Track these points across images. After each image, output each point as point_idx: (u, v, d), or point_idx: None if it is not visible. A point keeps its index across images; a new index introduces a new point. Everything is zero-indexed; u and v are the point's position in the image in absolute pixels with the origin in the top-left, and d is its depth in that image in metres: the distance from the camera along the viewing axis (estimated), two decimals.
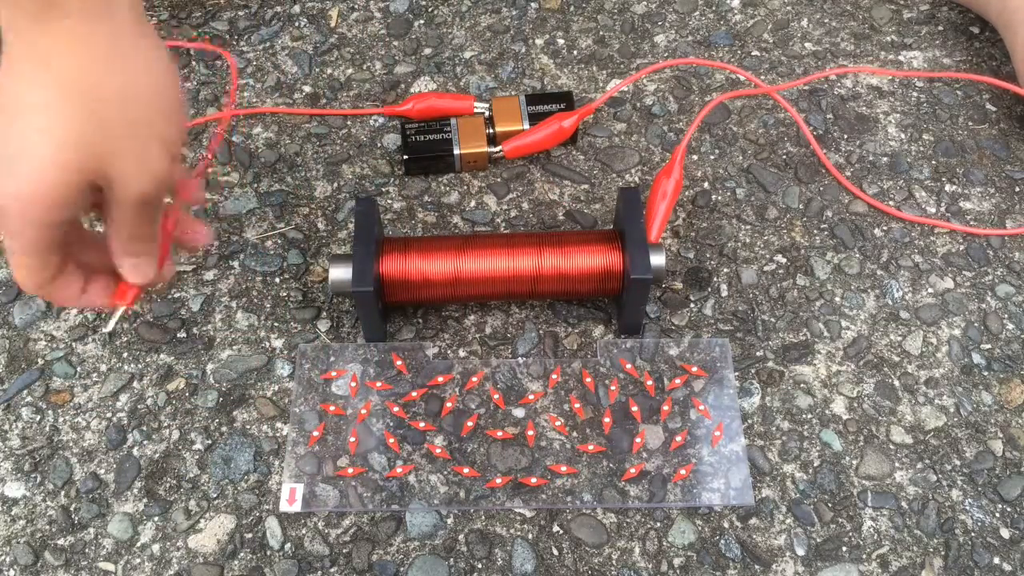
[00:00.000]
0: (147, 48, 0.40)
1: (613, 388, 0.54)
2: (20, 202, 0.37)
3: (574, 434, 0.53)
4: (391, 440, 0.52)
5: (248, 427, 0.53)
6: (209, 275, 0.59)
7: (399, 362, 0.55)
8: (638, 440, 0.52)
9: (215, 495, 0.51)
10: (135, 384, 0.55)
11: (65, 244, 0.41)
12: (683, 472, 0.51)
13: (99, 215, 0.42)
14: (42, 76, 0.37)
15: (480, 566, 0.49)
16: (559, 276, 0.54)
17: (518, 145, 0.62)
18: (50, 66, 0.37)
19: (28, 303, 0.58)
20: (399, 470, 0.51)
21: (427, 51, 0.71)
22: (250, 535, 0.50)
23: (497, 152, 0.63)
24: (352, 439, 0.52)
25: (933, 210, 0.62)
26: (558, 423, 0.53)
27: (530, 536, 0.50)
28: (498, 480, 0.51)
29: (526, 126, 0.63)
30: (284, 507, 0.50)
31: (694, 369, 0.55)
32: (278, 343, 0.56)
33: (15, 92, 0.37)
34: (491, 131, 0.63)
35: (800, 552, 0.49)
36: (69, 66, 0.37)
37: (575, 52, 0.70)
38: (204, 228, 0.47)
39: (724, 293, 0.58)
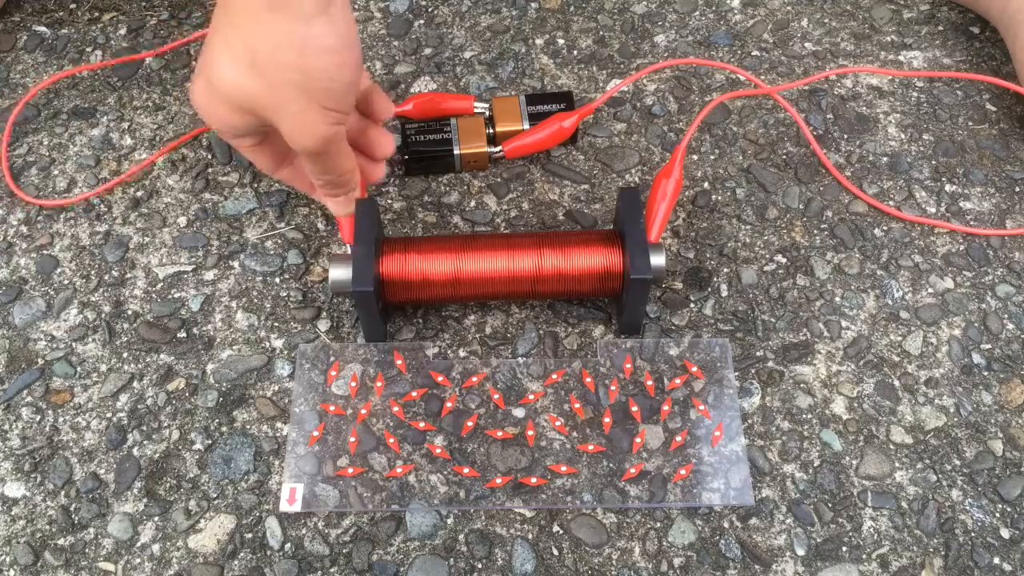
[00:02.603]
0: (341, 25, 0.44)
1: (613, 388, 0.54)
2: (207, 116, 0.48)
3: (574, 434, 0.53)
4: (391, 440, 0.52)
5: (248, 427, 0.53)
6: (209, 275, 0.59)
7: (399, 362, 0.55)
8: (638, 440, 0.52)
9: (215, 495, 0.51)
10: (135, 384, 0.55)
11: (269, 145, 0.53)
12: (683, 472, 0.51)
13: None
14: (233, 37, 0.44)
15: (480, 566, 0.49)
16: (559, 276, 0.54)
17: (518, 145, 0.62)
18: (240, 28, 0.44)
19: (28, 303, 0.58)
20: (399, 470, 0.51)
21: (427, 51, 0.71)
22: (250, 535, 0.50)
23: (497, 152, 0.63)
24: (352, 439, 0.52)
25: (933, 210, 0.62)
26: (558, 423, 0.53)
27: (530, 536, 0.50)
28: (498, 480, 0.51)
29: (526, 126, 0.63)
30: (284, 507, 0.50)
31: (694, 369, 0.55)
32: (278, 343, 0.56)
33: (214, 46, 0.46)
34: (491, 131, 0.63)
35: (800, 552, 0.49)
36: (254, 37, 0.43)
37: (575, 52, 0.70)
38: (389, 138, 0.57)
39: (724, 293, 0.58)
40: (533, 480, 0.51)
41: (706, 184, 0.63)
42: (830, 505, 0.51)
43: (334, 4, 0.44)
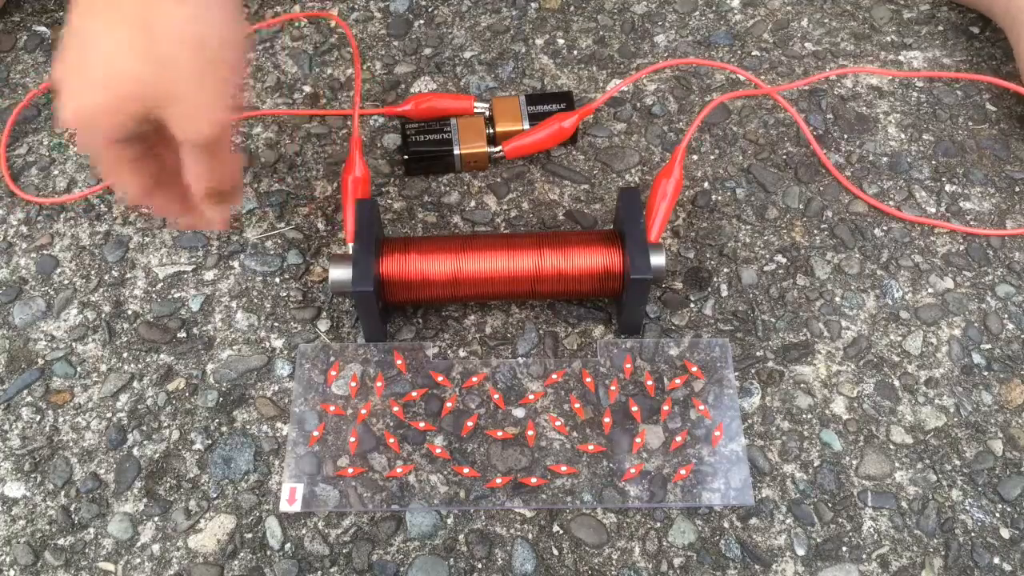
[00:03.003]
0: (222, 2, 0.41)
1: (613, 388, 0.54)
2: (82, 118, 0.41)
3: (574, 434, 0.53)
4: (391, 440, 0.52)
5: (248, 427, 0.53)
6: (209, 275, 0.59)
7: (399, 362, 0.55)
8: (638, 440, 0.52)
9: (215, 495, 0.51)
10: (135, 384, 0.55)
11: (149, 162, 0.45)
12: (683, 472, 0.51)
13: None
14: (111, 14, 0.40)
15: (480, 566, 0.49)
16: (559, 276, 0.54)
17: (518, 145, 0.62)
18: (119, 6, 0.40)
19: (28, 303, 0.58)
20: (399, 470, 0.51)
21: (427, 51, 0.70)
22: (250, 535, 0.50)
23: (497, 152, 0.63)
24: (352, 439, 0.52)
25: (933, 210, 0.62)
26: (558, 423, 0.53)
27: (530, 536, 0.50)
28: (498, 480, 0.51)
29: (526, 126, 0.63)
30: (284, 507, 0.50)
31: (694, 369, 0.55)
32: (278, 343, 0.56)
33: (87, 28, 0.41)
34: (491, 131, 0.63)
35: (800, 552, 0.49)
36: (136, 7, 0.40)
37: (575, 52, 0.70)
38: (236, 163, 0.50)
39: (724, 293, 0.58)
40: (533, 480, 0.51)
41: (706, 184, 0.63)
42: (830, 505, 0.51)
43: None
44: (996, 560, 0.49)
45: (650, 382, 0.54)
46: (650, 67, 0.67)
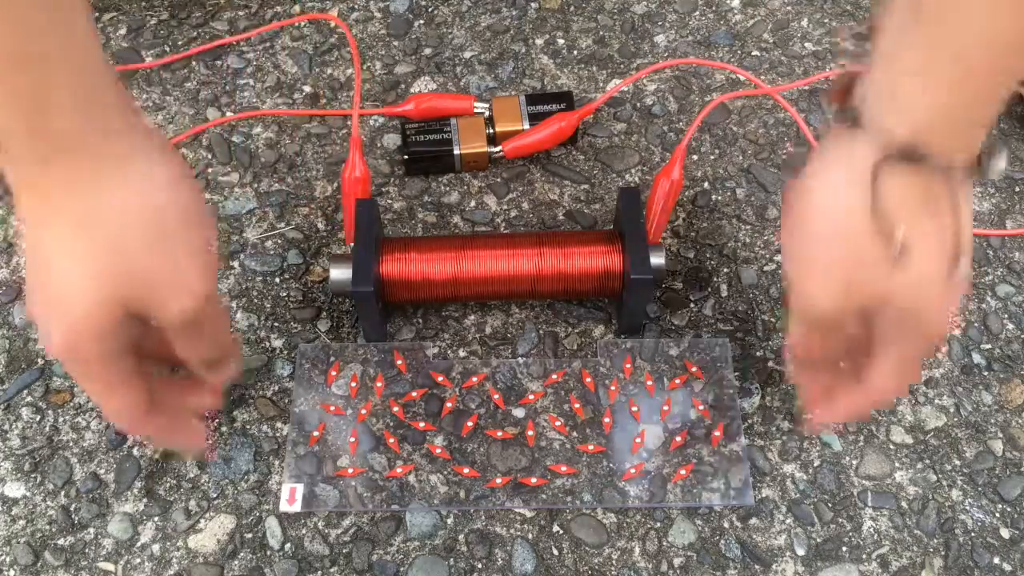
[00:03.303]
0: (159, 164, 0.38)
1: (613, 388, 0.54)
2: (69, 347, 0.38)
3: (574, 434, 0.53)
4: (391, 440, 0.52)
5: (248, 427, 0.53)
6: None
7: (399, 362, 0.55)
8: (638, 440, 0.52)
9: (215, 495, 0.51)
10: None
11: (141, 379, 0.41)
12: (683, 472, 0.51)
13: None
14: (56, 220, 0.37)
15: (480, 566, 0.49)
16: (559, 276, 0.54)
17: (518, 145, 0.62)
18: (61, 209, 0.36)
19: None
20: (399, 470, 0.51)
21: (427, 51, 0.70)
22: (250, 535, 0.50)
23: (497, 152, 0.63)
24: (352, 439, 0.52)
25: None
26: (558, 423, 0.53)
27: (530, 536, 0.50)
28: (498, 480, 0.51)
29: (526, 126, 0.63)
30: (284, 507, 0.50)
31: (694, 369, 0.55)
32: (278, 343, 0.56)
33: (38, 243, 0.38)
34: (491, 131, 0.63)
35: (800, 552, 0.49)
36: (79, 204, 0.36)
37: (575, 52, 0.70)
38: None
39: (724, 293, 0.58)
40: (533, 480, 0.51)
41: (706, 184, 0.63)
42: (830, 505, 0.51)
43: (148, 134, 0.38)
44: (996, 560, 0.49)
45: (650, 382, 0.54)
46: (650, 67, 0.67)
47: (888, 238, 0.36)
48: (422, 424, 0.53)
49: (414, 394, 0.54)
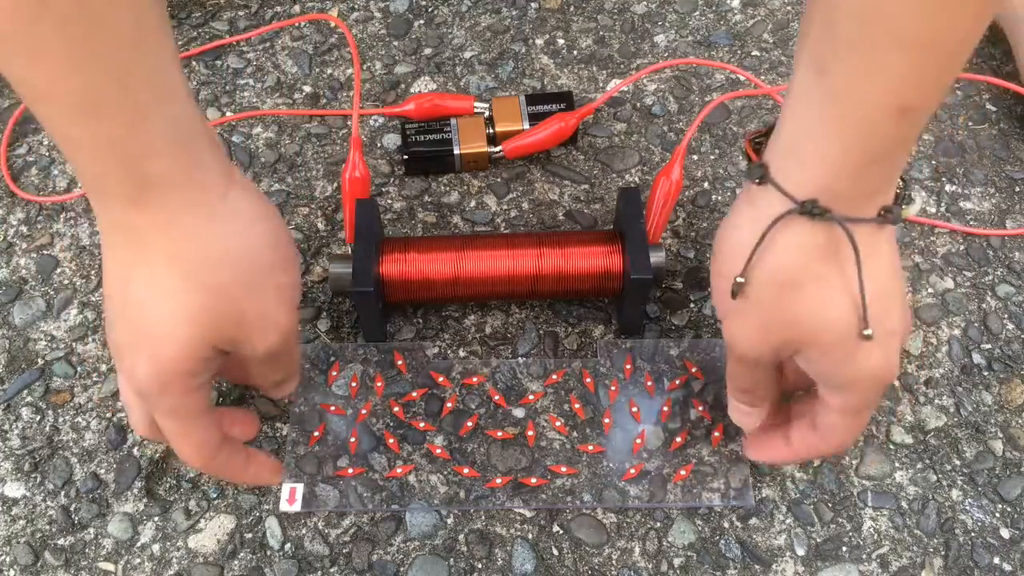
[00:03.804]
0: (247, 202, 0.39)
1: (613, 388, 0.54)
2: (159, 384, 0.39)
3: (574, 434, 0.53)
4: (391, 440, 0.52)
5: None
6: None
7: (399, 362, 0.55)
8: (638, 440, 0.52)
9: (215, 495, 0.51)
10: None
11: (213, 413, 0.43)
12: (683, 472, 0.51)
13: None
14: (151, 259, 0.37)
15: (480, 566, 0.49)
16: (559, 276, 0.54)
17: (518, 145, 0.62)
18: (156, 248, 0.37)
19: (28, 303, 0.58)
20: (399, 470, 0.51)
21: (427, 51, 0.71)
22: (250, 535, 0.50)
23: (497, 152, 0.63)
24: (352, 439, 0.52)
25: (933, 210, 0.62)
26: (558, 423, 0.53)
27: (530, 536, 0.50)
28: (498, 480, 0.51)
29: (526, 126, 0.63)
30: (284, 507, 0.50)
31: (694, 369, 0.55)
32: None
33: (130, 281, 0.38)
34: (491, 131, 0.63)
35: (800, 552, 0.49)
36: (175, 245, 0.37)
37: (575, 52, 0.70)
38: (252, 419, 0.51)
39: None
40: (533, 480, 0.51)
41: (706, 184, 0.63)
42: (830, 505, 0.51)
43: (233, 171, 0.39)
44: (996, 560, 0.49)
45: (650, 382, 0.54)
46: (650, 67, 0.67)
47: (779, 287, 0.38)
48: (422, 424, 0.53)
49: (414, 394, 0.54)
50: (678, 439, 0.52)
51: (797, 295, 0.38)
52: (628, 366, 0.55)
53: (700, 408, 0.53)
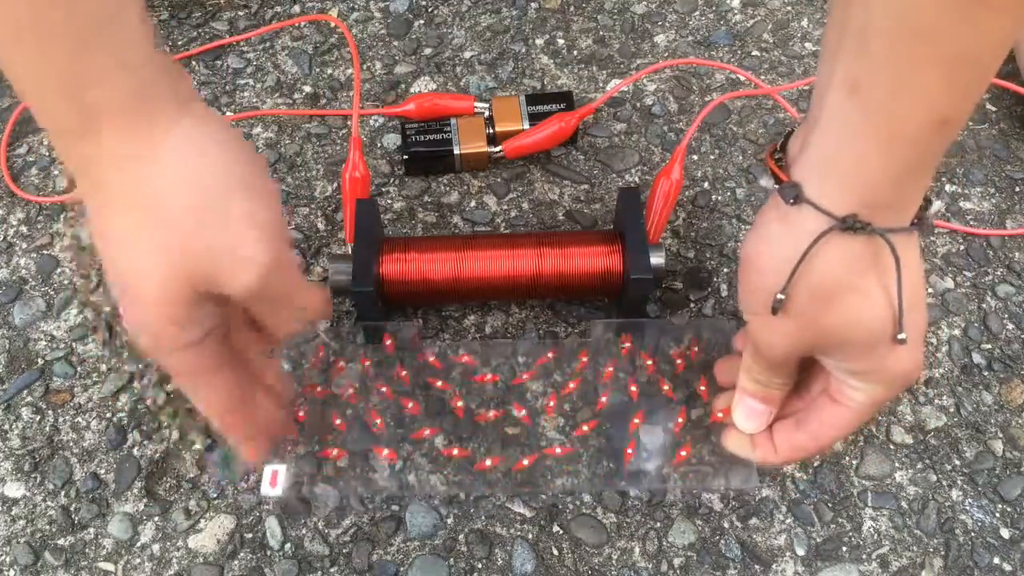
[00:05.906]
0: (199, 128, 0.37)
1: (613, 387, 0.54)
2: (149, 337, 0.37)
3: (574, 434, 0.53)
4: (391, 439, 0.52)
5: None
6: None
7: (399, 361, 0.55)
8: (638, 438, 0.52)
9: (215, 495, 0.51)
10: (135, 384, 0.55)
11: (232, 369, 0.41)
12: (683, 471, 0.51)
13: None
14: (112, 201, 0.36)
15: (480, 566, 0.49)
16: (559, 276, 0.54)
17: (518, 145, 0.62)
18: (113, 187, 0.35)
19: (28, 303, 0.58)
20: (399, 469, 0.51)
21: (427, 51, 0.71)
22: (250, 535, 0.50)
23: (497, 152, 0.63)
24: (352, 439, 0.52)
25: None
26: (558, 421, 0.53)
27: (530, 536, 0.50)
28: (488, 462, 0.51)
29: (526, 126, 0.63)
30: (266, 490, 0.48)
31: (693, 348, 0.55)
32: None
33: (102, 230, 0.36)
34: (491, 131, 0.63)
35: (800, 552, 0.49)
36: (128, 179, 0.35)
37: (575, 52, 0.70)
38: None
39: (724, 293, 0.58)
40: (525, 462, 0.51)
41: (706, 184, 0.63)
42: (830, 505, 0.51)
43: (193, 98, 0.37)
44: (996, 560, 0.49)
45: (649, 361, 0.54)
46: (650, 67, 0.67)
47: (820, 300, 0.38)
48: (422, 424, 0.53)
49: (414, 393, 0.54)
50: (679, 438, 0.52)
51: (836, 305, 0.38)
52: (625, 345, 0.55)
53: (702, 387, 0.53)
